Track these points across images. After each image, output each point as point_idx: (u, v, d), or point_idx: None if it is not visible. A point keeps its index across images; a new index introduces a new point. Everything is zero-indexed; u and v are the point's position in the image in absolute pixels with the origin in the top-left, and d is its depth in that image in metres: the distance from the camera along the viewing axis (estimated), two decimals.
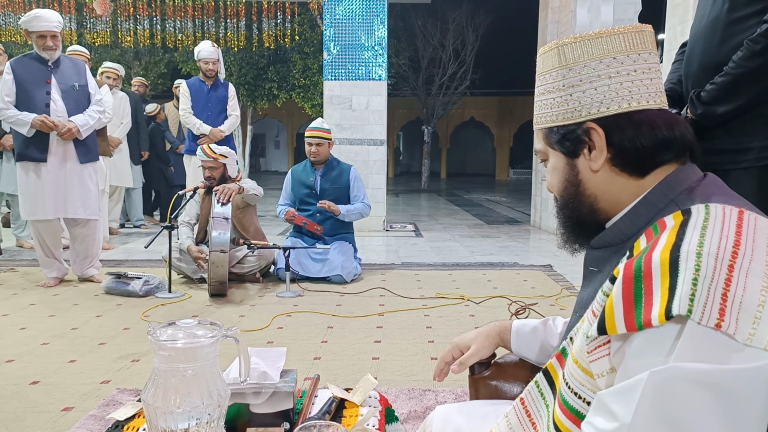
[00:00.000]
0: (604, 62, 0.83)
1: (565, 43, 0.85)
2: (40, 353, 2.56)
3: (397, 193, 14.81)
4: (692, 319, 0.61)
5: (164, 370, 1.05)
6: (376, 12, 6.83)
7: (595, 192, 0.86)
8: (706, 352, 0.60)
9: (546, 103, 0.89)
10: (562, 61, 0.85)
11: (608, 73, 0.82)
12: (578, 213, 0.88)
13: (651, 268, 0.66)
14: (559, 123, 0.86)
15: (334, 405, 1.43)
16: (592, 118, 0.83)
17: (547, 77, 0.88)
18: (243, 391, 1.32)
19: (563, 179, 0.89)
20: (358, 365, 2.43)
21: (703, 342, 0.61)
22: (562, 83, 0.85)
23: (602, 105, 0.82)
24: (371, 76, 6.88)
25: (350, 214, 4.23)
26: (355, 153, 6.83)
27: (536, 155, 0.96)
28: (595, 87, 0.83)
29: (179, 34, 9.21)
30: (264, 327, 2.97)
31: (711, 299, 0.62)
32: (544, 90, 0.89)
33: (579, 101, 0.84)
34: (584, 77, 0.83)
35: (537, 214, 7.56)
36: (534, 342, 1.15)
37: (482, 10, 17.94)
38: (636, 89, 0.82)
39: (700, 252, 0.65)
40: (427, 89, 18.60)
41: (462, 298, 3.59)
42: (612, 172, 0.84)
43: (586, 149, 0.84)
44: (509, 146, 25.91)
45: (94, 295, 3.63)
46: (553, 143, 0.88)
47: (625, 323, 0.66)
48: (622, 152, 0.82)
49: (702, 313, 0.61)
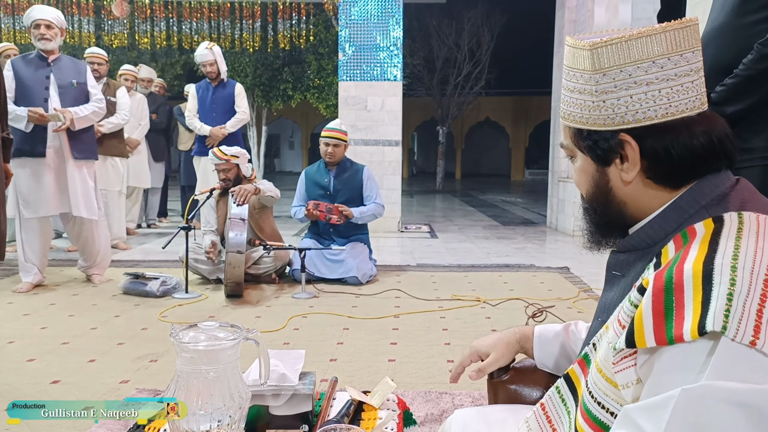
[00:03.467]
0: (642, 67, 0.76)
1: (598, 45, 0.77)
2: (60, 353, 2.59)
3: (412, 194, 14.80)
4: (726, 336, 0.59)
5: (186, 372, 1.06)
6: (392, 12, 6.83)
7: (624, 199, 0.83)
8: (740, 371, 0.59)
9: (576, 102, 0.82)
10: (595, 65, 0.78)
11: (646, 80, 0.76)
12: (606, 218, 0.86)
13: (683, 279, 0.64)
14: (590, 127, 0.81)
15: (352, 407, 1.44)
16: (626, 128, 0.78)
17: (577, 76, 0.81)
18: (263, 393, 1.33)
19: (593, 184, 0.85)
20: (374, 367, 2.43)
21: (737, 360, 0.59)
22: (594, 88, 0.78)
23: (638, 114, 0.76)
24: (386, 77, 6.88)
25: (364, 217, 4.23)
26: (370, 154, 6.83)
27: (562, 149, 0.90)
28: (631, 95, 0.76)
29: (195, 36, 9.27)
30: (280, 328, 2.98)
31: (746, 315, 0.60)
32: (573, 87, 0.82)
33: (612, 109, 0.78)
34: (619, 83, 0.77)
35: (553, 215, 7.51)
36: (555, 348, 1.14)
37: (498, 10, 17.85)
38: (675, 95, 0.76)
39: (735, 265, 0.63)
40: (442, 89, 18.55)
41: (478, 300, 3.57)
42: (644, 182, 0.80)
43: (618, 159, 0.80)
44: (525, 146, 25.77)
45: (112, 296, 3.66)
46: (582, 147, 0.84)
47: (654, 337, 0.64)
48: (656, 164, 0.78)
49: (737, 330, 0.59)
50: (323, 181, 4.30)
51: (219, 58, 5.30)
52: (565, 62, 0.84)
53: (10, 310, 3.29)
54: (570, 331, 1.13)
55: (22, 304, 3.41)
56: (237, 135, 5.42)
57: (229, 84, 5.41)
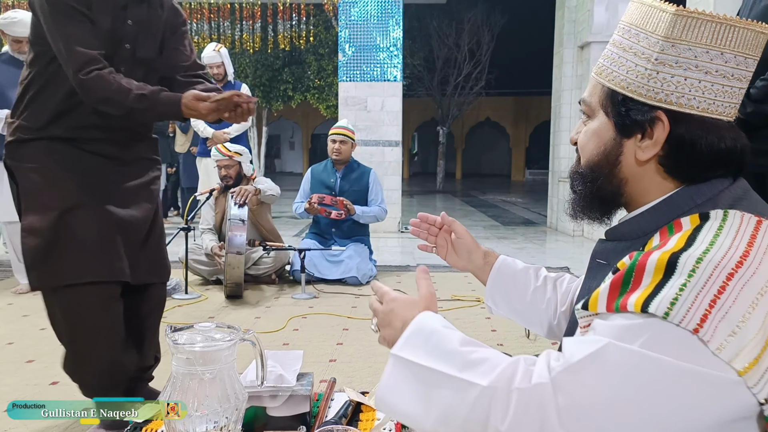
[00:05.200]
0: (711, 53, 0.73)
1: (683, 14, 0.73)
2: (59, 354, 2.58)
3: (412, 194, 14.80)
4: (670, 321, 0.62)
5: (182, 374, 1.06)
6: (391, 13, 6.83)
7: (627, 177, 0.81)
8: (675, 350, 0.61)
9: (625, 62, 0.78)
10: (669, 31, 0.74)
11: (707, 68, 0.73)
12: (601, 190, 0.83)
13: (646, 264, 0.67)
14: (629, 94, 0.77)
15: (350, 409, 1.43)
16: (665, 107, 0.75)
17: (641, 37, 0.77)
18: (260, 394, 1.32)
19: (602, 150, 0.82)
20: (373, 368, 2.42)
21: (672, 340, 0.62)
22: (656, 55, 0.75)
23: (683, 98, 0.74)
24: (386, 77, 6.88)
25: (365, 216, 4.23)
26: (370, 154, 6.83)
27: (581, 105, 0.86)
28: (686, 76, 0.74)
29: (195, 36, 9.26)
30: (279, 329, 2.97)
31: (697, 305, 0.62)
32: (629, 46, 0.78)
33: (662, 83, 0.74)
34: (682, 60, 0.74)
35: (553, 215, 7.51)
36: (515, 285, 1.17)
37: (498, 10, 17.86)
38: (722, 95, 0.74)
39: (702, 258, 0.64)
40: (442, 90, 18.55)
41: (478, 300, 3.57)
42: (656, 168, 0.78)
43: (640, 134, 0.77)
44: (525, 147, 25.79)
45: None
46: (609, 110, 0.80)
47: (606, 304, 0.68)
48: (676, 153, 0.76)
49: (683, 317, 0.62)
50: (329, 181, 4.30)
51: (226, 60, 5.31)
52: (629, 20, 0.80)
53: (10, 311, 3.29)
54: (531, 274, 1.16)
55: (22, 305, 3.41)
56: (242, 136, 5.43)
57: (236, 86, 5.41)
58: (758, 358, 0.61)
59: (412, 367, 0.73)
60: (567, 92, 7.11)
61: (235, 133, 5.32)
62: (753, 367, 0.60)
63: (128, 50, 1.68)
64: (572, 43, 7.06)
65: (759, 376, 0.60)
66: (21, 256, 3.69)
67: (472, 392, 0.67)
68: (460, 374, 0.69)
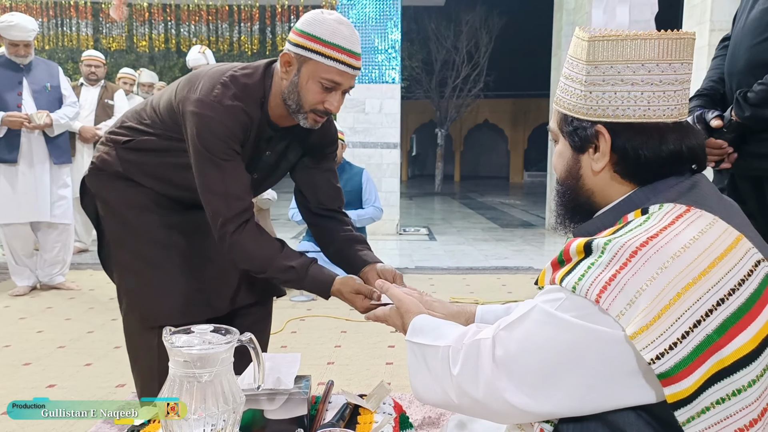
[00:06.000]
0: (631, 67, 0.81)
1: (597, 38, 0.83)
2: (56, 356, 2.58)
3: (411, 196, 14.79)
4: (577, 294, 0.74)
5: (180, 376, 1.05)
6: (390, 15, 6.84)
7: (592, 188, 0.89)
8: (581, 314, 0.74)
9: (568, 88, 0.88)
10: (590, 56, 0.83)
11: (632, 80, 0.81)
12: (574, 202, 0.92)
13: (570, 249, 0.79)
14: (574, 115, 0.86)
15: (348, 411, 1.43)
16: (603, 120, 0.83)
17: (573, 63, 0.87)
18: (257, 396, 1.32)
19: (566, 168, 0.91)
20: (372, 370, 2.42)
21: (580, 307, 0.74)
22: (585, 78, 0.84)
23: (618, 110, 0.82)
24: (384, 79, 6.88)
25: (362, 219, 4.22)
26: (368, 156, 6.82)
27: (549, 132, 0.98)
28: (615, 91, 0.82)
29: (193, 39, 9.26)
30: (278, 331, 2.97)
31: (598, 280, 0.73)
32: (569, 75, 0.88)
33: (596, 100, 0.83)
34: (608, 78, 0.82)
35: (552, 217, 7.51)
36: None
37: (496, 12, 17.87)
38: (656, 101, 0.81)
39: (610, 240, 0.74)
40: (440, 92, 18.55)
41: (476, 302, 3.55)
42: (612, 176, 0.86)
43: (592, 149, 0.86)
44: (523, 149, 25.78)
45: (110, 299, 3.65)
46: (564, 132, 0.89)
47: (550, 279, 0.81)
48: (624, 160, 0.83)
49: (587, 290, 0.73)
50: None
51: (211, 62, 5.28)
52: (570, 52, 0.90)
53: (7, 314, 3.28)
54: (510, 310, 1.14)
55: (19, 308, 3.40)
56: None
57: None
58: (648, 326, 0.69)
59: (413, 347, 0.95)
60: None
61: None
62: (641, 333, 0.69)
63: (255, 179, 1.57)
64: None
65: (648, 341, 0.69)
66: (17, 259, 3.72)
67: (440, 352, 0.88)
68: (434, 342, 0.91)
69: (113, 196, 1.60)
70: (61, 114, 3.71)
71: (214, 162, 1.38)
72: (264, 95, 1.47)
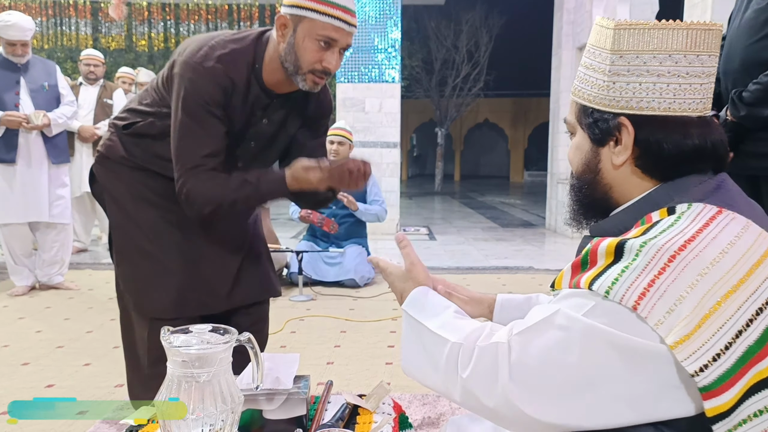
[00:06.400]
0: (657, 58, 0.78)
1: (623, 27, 0.80)
2: (55, 357, 2.57)
3: (411, 196, 14.79)
4: (611, 299, 0.69)
5: (178, 376, 1.05)
6: (390, 14, 6.83)
7: (611, 183, 0.86)
8: (610, 321, 0.69)
9: (588, 78, 0.85)
10: (615, 45, 0.80)
11: (658, 71, 0.78)
12: (591, 197, 0.89)
13: (598, 250, 0.74)
14: (595, 106, 0.83)
15: (347, 411, 1.42)
16: (627, 112, 0.80)
17: (596, 53, 0.84)
18: (256, 396, 1.31)
19: (584, 162, 0.88)
20: (371, 370, 2.41)
21: (613, 315, 0.69)
22: (609, 68, 0.81)
23: (642, 102, 0.79)
24: (384, 79, 6.88)
25: (367, 213, 4.22)
26: (368, 155, 6.81)
27: (565, 124, 0.94)
28: (640, 82, 0.79)
29: None
30: (277, 331, 2.96)
31: (636, 285, 0.68)
32: (590, 64, 0.85)
33: (620, 92, 0.80)
34: (632, 68, 0.79)
35: (552, 217, 7.51)
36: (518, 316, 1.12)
37: (496, 11, 17.88)
38: (681, 93, 0.78)
39: (645, 242, 0.70)
40: (440, 91, 18.55)
41: None
42: (632, 170, 0.83)
43: (613, 141, 0.83)
44: (524, 148, 25.78)
45: (109, 299, 3.64)
46: (583, 124, 0.87)
47: (568, 282, 0.77)
48: (646, 154, 0.81)
49: (623, 295, 0.69)
50: None
51: None
52: (591, 41, 0.87)
53: (5, 314, 3.27)
54: (532, 300, 1.12)
55: (17, 308, 3.39)
56: None
57: None
58: (689, 335, 0.65)
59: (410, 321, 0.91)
60: (565, 94, 7.11)
61: None
62: (683, 342, 0.65)
63: (252, 148, 1.57)
64: (571, 44, 7.07)
65: (690, 352, 0.65)
66: (16, 259, 3.71)
67: (446, 346, 0.82)
68: (438, 330, 0.85)
69: (116, 186, 1.62)
70: (58, 114, 3.69)
71: (192, 119, 1.41)
72: (254, 60, 1.47)
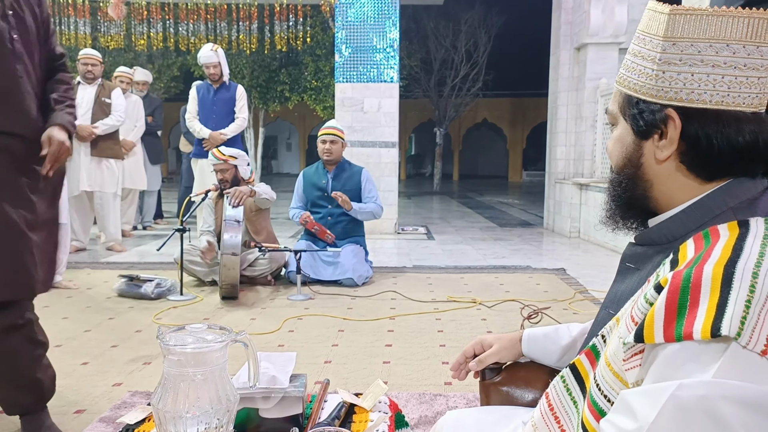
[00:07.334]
0: (714, 47, 0.73)
1: (679, 12, 0.75)
2: (53, 356, 2.56)
3: (409, 196, 14.79)
4: (738, 342, 0.58)
5: (174, 375, 1.05)
6: (388, 14, 6.83)
7: (652, 180, 0.81)
8: (747, 376, 0.57)
9: (636, 66, 0.80)
10: (668, 31, 0.75)
11: (713, 61, 0.73)
12: (630, 195, 0.84)
13: (701, 280, 0.62)
14: (641, 96, 0.79)
15: (343, 410, 1.43)
16: (675, 104, 0.75)
17: (646, 40, 0.79)
18: (252, 395, 1.32)
19: (625, 155, 0.83)
20: (368, 369, 2.42)
21: (745, 365, 0.58)
22: (659, 56, 0.76)
23: (692, 93, 0.74)
24: (383, 78, 6.88)
25: (362, 212, 4.22)
26: (366, 155, 6.82)
27: (606, 115, 0.89)
28: (693, 72, 0.74)
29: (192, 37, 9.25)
30: (275, 330, 2.97)
31: (760, 324, 0.58)
32: (638, 51, 0.80)
33: (670, 82, 0.75)
34: (685, 57, 0.75)
35: (550, 216, 7.51)
36: (548, 346, 1.13)
37: (495, 11, 17.88)
38: (736, 86, 0.73)
39: (757, 272, 0.61)
40: (439, 91, 18.55)
41: (474, 301, 3.57)
42: (677, 167, 0.78)
43: (658, 135, 0.78)
44: (522, 148, 25.79)
45: (107, 298, 3.65)
46: (626, 114, 0.82)
47: (664, 333, 0.63)
48: (694, 150, 0.75)
49: (750, 338, 0.58)
50: (321, 183, 4.29)
51: (222, 60, 5.32)
52: (641, 27, 0.82)
53: None
54: (560, 330, 1.12)
55: None
56: (236, 138, 5.43)
57: (231, 86, 5.41)
58: None
59: None
60: (563, 94, 7.12)
61: (232, 134, 5.32)
62: None
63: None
64: (569, 44, 7.07)
65: None
66: None
67: None
68: None
69: None
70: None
71: None
72: None
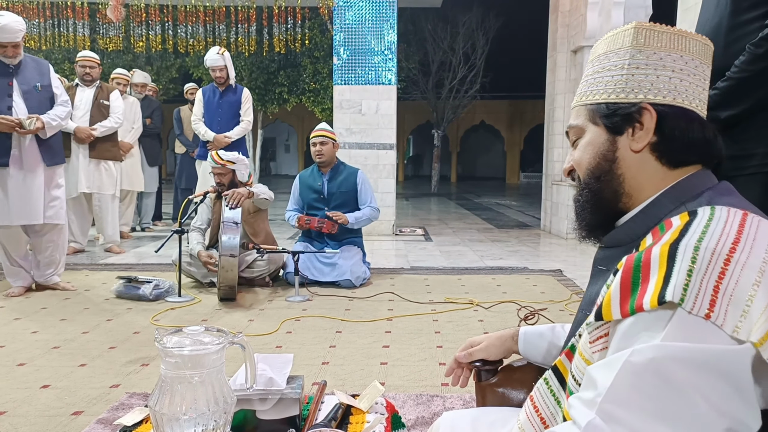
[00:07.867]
0: (672, 56, 0.86)
1: (643, 26, 0.87)
2: (51, 357, 2.58)
3: (407, 197, 14.80)
4: (683, 308, 0.65)
5: (171, 377, 1.06)
6: (386, 16, 6.85)
7: (625, 173, 0.87)
8: (693, 338, 0.64)
9: (602, 80, 0.90)
10: (635, 41, 0.87)
11: (673, 67, 0.86)
12: (603, 192, 0.89)
13: (650, 259, 0.70)
14: (613, 99, 0.88)
15: (340, 411, 1.43)
16: (649, 101, 0.85)
17: (611, 56, 0.90)
18: (249, 397, 1.33)
19: (598, 154, 0.89)
20: (366, 370, 2.42)
21: (691, 329, 0.64)
22: (628, 62, 0.87)
23: (660, 93, 0.85)
24: (381, 81, 6.89)
25: (360, 222, 4.23)
26: (364, 157, 6.83)
27: (568, 132, 0.96)
28: (658, 75, 0.86)
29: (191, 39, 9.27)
30: (273, 331, 2.97)
31: (703, 291, 0.65)
32: (601, 68, 0.91)
33: (639, 83, 0.86)
34: (651, 62, 0.86)
35: (547, 218, 7.53)
36: (541, 344, 1.15)
37: (492, 14, 17.91)
38: (692, 91, 0.86)
39: (698, 246, 0.68)
40: (437, 93, 18.58)
41: (471, 303, 3.58)
42: (648, 156, 0.86)
43: (632, 128, 0.86)
44: (520, 150, 25.83)
45: (105, 299, 3.65)
46: (597, 118, 0.90)
47: (620, 309, 0.70)
48: (667, 140, 0.84)
49: (693, 303, 0.65)
50: (317, 185, 4.29)
51: (229, 64, 5.35)
52: (599, 51, 0.93)
53: (1, 315, 3.28)
54: (555, 330, 1.14)
55: (13, 308, 3.40)
56: (240, 141, 5.44)
57: (237, 89, 5.44)
58: None
59: None
60: (560, 96, 7.14)
61: (236, 136, 5.34)
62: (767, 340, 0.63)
63: None
64: (566, 47, 7.09)
65: None
66: (11, 260, 3.71)
67: None
68: None
69: None
70: (52, 116, 3.65)
71: None
72: None
